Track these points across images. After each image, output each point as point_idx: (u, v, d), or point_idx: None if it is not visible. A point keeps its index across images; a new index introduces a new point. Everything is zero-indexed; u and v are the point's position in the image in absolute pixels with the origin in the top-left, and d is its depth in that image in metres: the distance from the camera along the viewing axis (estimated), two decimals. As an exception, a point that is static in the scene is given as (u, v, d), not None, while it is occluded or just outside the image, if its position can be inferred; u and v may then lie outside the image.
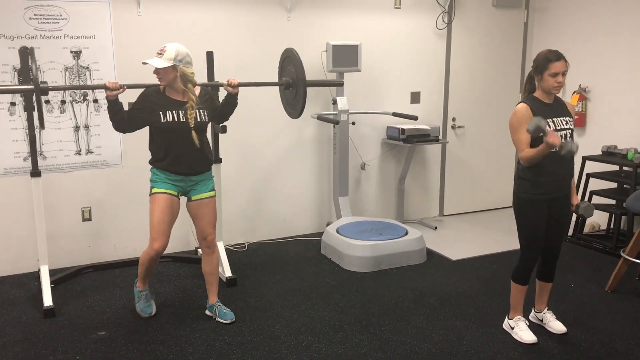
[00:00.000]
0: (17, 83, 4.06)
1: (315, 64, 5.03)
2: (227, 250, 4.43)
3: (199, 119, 3.37)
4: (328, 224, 5.05)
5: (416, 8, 5.43)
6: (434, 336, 3.40)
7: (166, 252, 4.56)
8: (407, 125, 5.26)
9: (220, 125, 4.05)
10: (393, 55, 5.41)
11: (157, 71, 3.27)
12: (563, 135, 3.12)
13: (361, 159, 5.44)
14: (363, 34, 5.20)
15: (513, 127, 3.16)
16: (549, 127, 3.07)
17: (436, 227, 5.51)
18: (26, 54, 3.64)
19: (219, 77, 4.15)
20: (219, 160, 4.22)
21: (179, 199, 3.48)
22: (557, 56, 3.08)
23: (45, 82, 3.22)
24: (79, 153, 4.41)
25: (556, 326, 3.43)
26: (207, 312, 3.67)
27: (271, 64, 4.86)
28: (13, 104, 4.12)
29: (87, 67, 4.32)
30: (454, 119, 5.82)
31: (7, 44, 4.04)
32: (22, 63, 3.63)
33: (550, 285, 3.45)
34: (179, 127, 3.32)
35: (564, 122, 3.15)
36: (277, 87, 4.04)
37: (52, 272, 4.17)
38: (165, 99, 3.35)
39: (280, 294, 4.00)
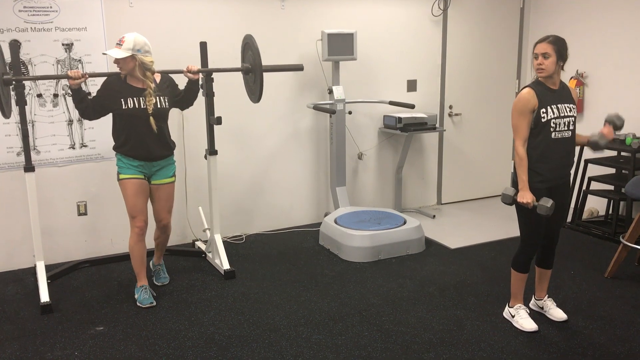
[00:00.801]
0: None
1: (310, 53, 4.98)
2: (224, 242, 4.40)
3: (158, 106, 3.53)
4: (326, 215, 5.02)
5: (411, -5, 5.38)
6: (434, 326, 3.39)
7: (163, 245, 4.56)
8: (404, 113, 5.22)
9: (216, 116, 4.02)
10: (389, 43, 5.36)
11: (117, 61, 3.44)
12: (566, 123, 3.10)
13: (358, 148, 5.40)
14: (358, 21, 5.15)
15: (516, 111, 3.10)
16: (554, 113, 3.07)
17: (434, 216, 5.49)
18: (16, 47, 3.59)
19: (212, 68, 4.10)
20: (215, 152, 4.18)
21: (146, 179, 3.68)
22: (541, 38, 3.08)
23: (10, 74, 3.47)
24: (73, 147, 4.36)
25: (557, 314, 3.41)
26: (151, 266, 4.08)
27: (265, 54, 4.80)
28: (5, 98, 4.06)
29: (80, 60, 4.26)
30: (450, 107, 5.78)
31: (-3, 37, 3.98)
32: (13, 56, 3.57)
33: (549, 272, 3.43)
34: (139, 114, 3.48)
35: (568, 109, 3.13)
36: (271, 78, 4.02)
37: (49, 268, 4.13)
38: (126, 86, 3.51)
39: (279, 286, 3.98)
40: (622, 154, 4.97)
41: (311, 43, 4.96)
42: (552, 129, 3.08)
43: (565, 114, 3.11)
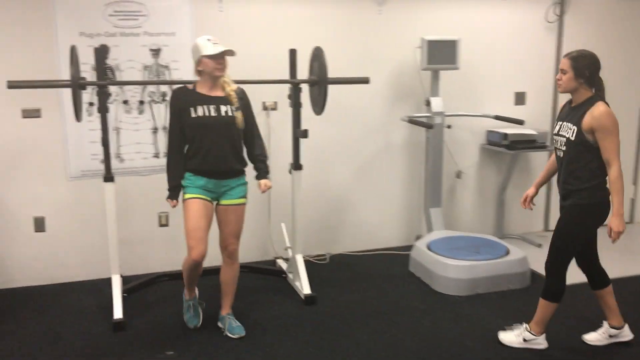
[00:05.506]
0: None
1: (407, 61, 4.60)
2: (306, 262, 4.10)
3: (229, 113, 3.20)
4: (417, 238, 4.60)
5: (524, -2, 4.86)
6: (543, 383, 2.89)
7: (243, 260, 4.34)
8: (511, 129, 4.70)
9: (302, 129, 3.75)
10: (495, 52, 4.86)
11: (222, 60, 3.14)
12: (560, 142, 3.04)
13: (457, 166, 4.93)
14: (462, 28, 4.69)
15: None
16: (554, 129, 3.11)
17: (541, 245, 4.90)
18: (101, 52, 3.49)
19: (302, 77, 3.83)
20: (299, 167, 3.89)
21: (212, 204, 3.30)
22: (566, 53, 3.02)
23: (84, 78, 3.39)
24: (157, 156, 4.23)
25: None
26: (218, 323, 3.47)
27: (359, 62, 4.52)
28: (91, 104, 3.98)
29: (167, 66, 4.12)
30: (563, 123, 5.18)
31: (86, 42, 3.90)
32: (97, 61, 3.47)
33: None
34: (209, 122, 3.16)
35: (566, 129, 3.00)
36: (363, 88, 3.90)
37: (127, 279, 4.03)
38: (194, 94, 3.20)
39: (363, 318, 3.61)
40: None
41: (409, 51, 4.57)
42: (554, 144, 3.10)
43: (561, 132, 3.01)
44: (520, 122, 4.47)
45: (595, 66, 2.94)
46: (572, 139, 2.94)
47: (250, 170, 3.39)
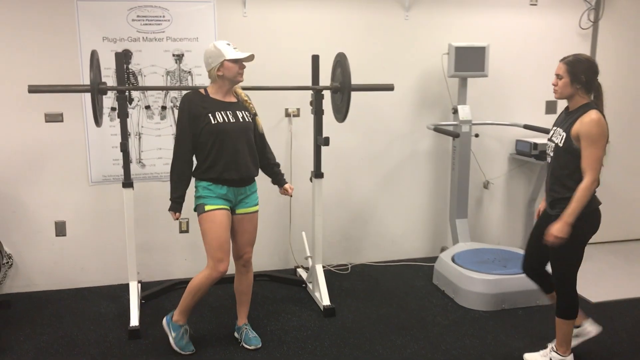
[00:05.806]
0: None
1: (434, 68, 4.49)
2: (327, 272, 4.01)
3: (247, 120, 3.14)
4: (442, 250, 4.47)
5: (556, 4, 4.70)
6: (570, 407, 2.74)
7: (263, 269, 4.29)
8: (541, 139, 4.54)
9: (324, 137, 3.67)
10: (526, 59, 4.71)
11: (243, 65, 3.09)
12: (550, 147, 2.95)
13: (484, 176, 4.79)
14: (491, 34, 4.57)
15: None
16: (549, 133, 3.00)
17: (571, 259, 4.72)
18: (122, 57, 3.46)
19: (324, 83, 3.76)
20: (320, 175, 3.81)
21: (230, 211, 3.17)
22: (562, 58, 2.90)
23: (105, 83, 3.37)
24: (178, 161, 4.19)
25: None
26: (235, 334, 3.39)
27: (384, 68, 4.43)
28: (113, 109, 3.97)
29: (189, 72, 4.09)
30: (597, 133, 4.98)
31: (110, 47, 3.90)
32: (118, 66, 3.44)
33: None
34: (230, 129, 3.05)
35: (557, 134, 2.89)
36: (388, 94, 3.82)
37: (146, 285, 4.00)
38: (210, 100, 3.09)
39: (383, 332, 3.50)
40: None
41: (436, 57, 4.46)
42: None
43: (552, 138, 2.91)
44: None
45: (593, 71, 2.81)
46: (560, 145, 2.83)
47: (261, 177, 3.32)
